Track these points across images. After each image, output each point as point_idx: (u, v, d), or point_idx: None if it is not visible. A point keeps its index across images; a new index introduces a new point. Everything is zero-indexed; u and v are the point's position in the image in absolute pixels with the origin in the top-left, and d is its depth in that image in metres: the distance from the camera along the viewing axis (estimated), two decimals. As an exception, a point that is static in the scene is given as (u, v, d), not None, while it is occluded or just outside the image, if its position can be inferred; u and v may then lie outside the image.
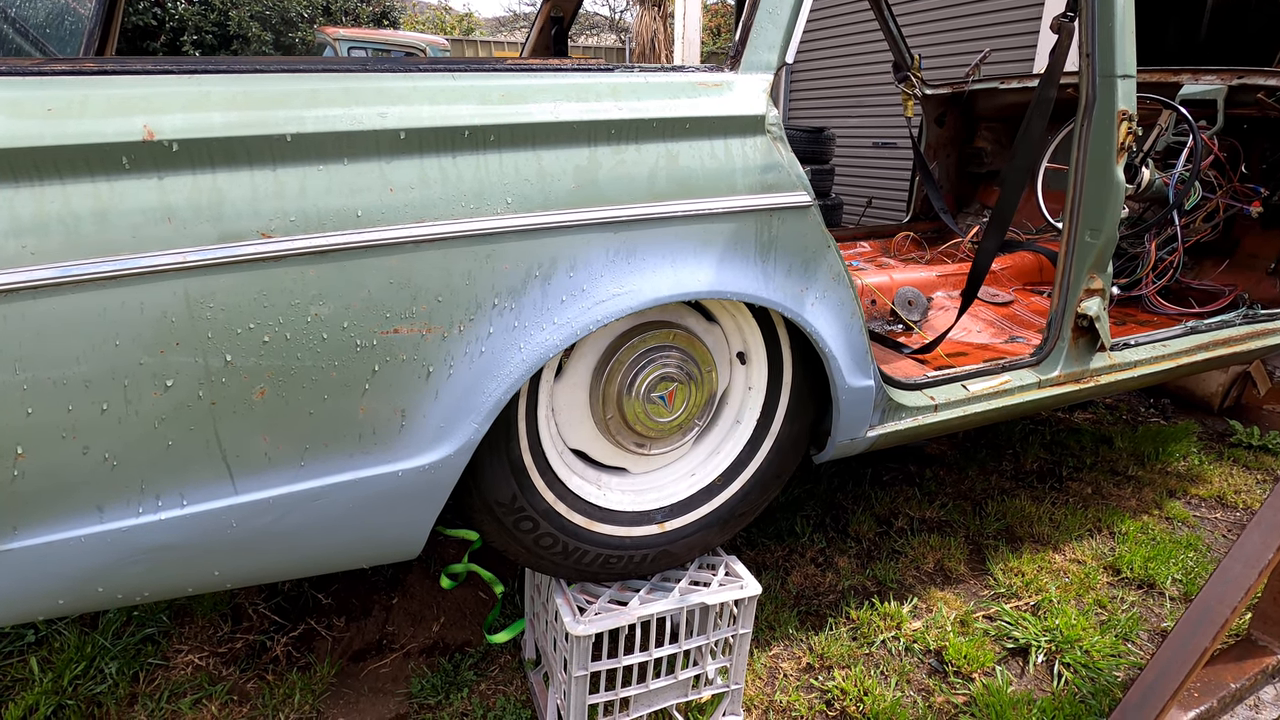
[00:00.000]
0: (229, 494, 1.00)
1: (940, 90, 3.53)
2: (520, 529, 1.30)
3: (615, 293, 1.13)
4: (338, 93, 0.97)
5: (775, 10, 1.24)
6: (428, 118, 1.00)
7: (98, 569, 0.97)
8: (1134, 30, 1.63)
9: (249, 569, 1.09)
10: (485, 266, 1.05)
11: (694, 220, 1.18)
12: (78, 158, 0.85)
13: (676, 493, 1.48)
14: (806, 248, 1.29)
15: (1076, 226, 1.76)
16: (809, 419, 1.53)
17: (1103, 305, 1.82)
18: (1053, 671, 1.73)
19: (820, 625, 1.86)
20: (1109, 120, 1.66)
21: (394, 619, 1.90)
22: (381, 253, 0.99)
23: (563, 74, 1.11)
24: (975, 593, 2.02)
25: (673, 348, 1.35)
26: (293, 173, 0.94)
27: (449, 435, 1.09)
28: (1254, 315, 2.26)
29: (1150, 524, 2.34)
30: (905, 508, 2.41)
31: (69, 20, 2.12)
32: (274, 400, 0.98)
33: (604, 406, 1.34)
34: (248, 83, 0.94)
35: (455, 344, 1.06)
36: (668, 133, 1.15)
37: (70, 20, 2.11)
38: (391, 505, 1.11)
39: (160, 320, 0.90)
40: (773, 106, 1.24)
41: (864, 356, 1.43)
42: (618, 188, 1.11)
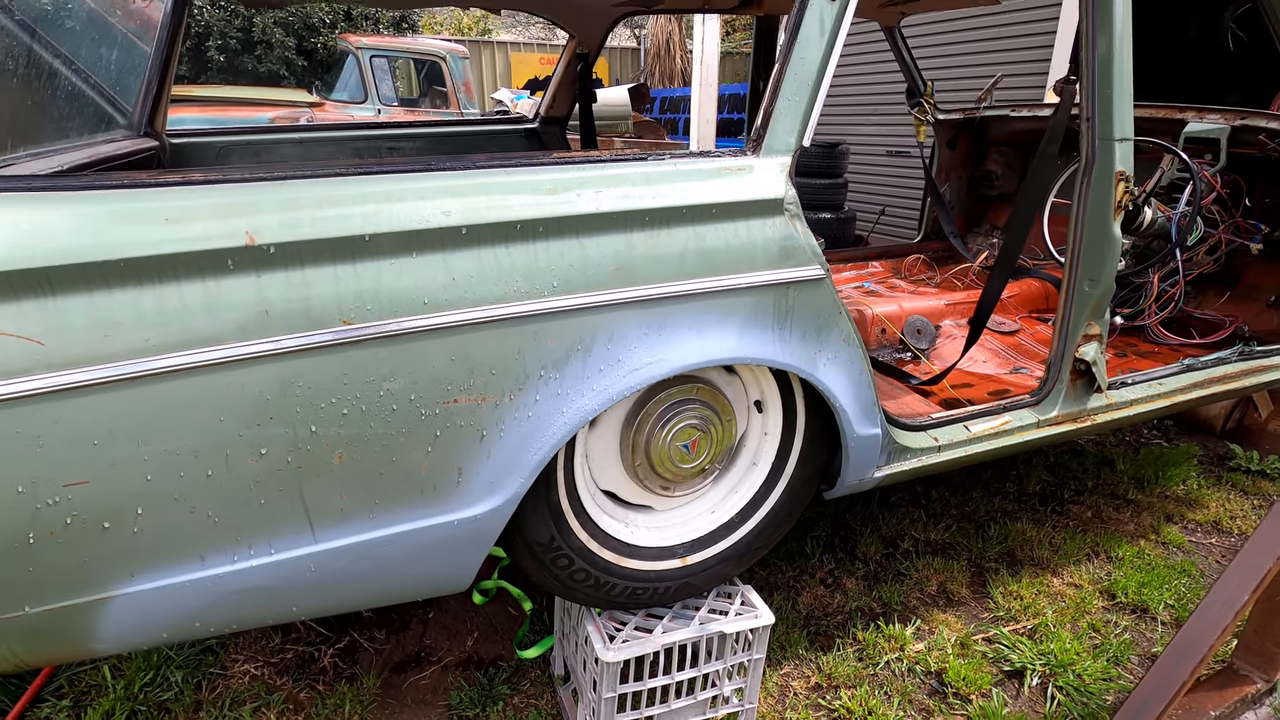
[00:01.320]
0: (309, 543, 1.14)
1: (952, 115, 3.62)
2: (557, 565, 1.44)
3: (647, 361, 1.26)
4: (408, 193, 1.11)
5: (795, 98, 1.36)
6: (485, 214, 1.13)
7: (198, 608, 1.12)
8: (1131, 97, 1.73)
9: (322, 604, 1.24)
10: (534, 343, 1.18)
11: (719, 295, 1.30)
12: (191, 262, 0.99)
13: (697, 529, 1.62)
14: (820, 315, 1.41)
15: (1076, 276, 1.86)
16: (820, 462, 1.66)
17: (1099, 350, 1.93)
18: (1046, 694, 1.85)
19: (829, 646, 1.99)
20: (1107, 181, 1.76)
21: (431, 633, 2.04)
22: (444, 334, 1.12)
23: (602, 165, 1.24)
24: (976, 615, 2.14)
25: (696, 400, 1.48)
26: (370, 266, 1.08)
27: (498, 489, 1.23)
28: (1249, 352, 2.36)
29: (1146, 549, 2.45)
30: (911, 530, 2.53)
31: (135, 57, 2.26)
32: (350, 463, 1.12)
33: (633, 454, 1.47)
34: (330, 186, 1.08)
35: (506, 410, 1.19)
36: (696, 217, 1.27)
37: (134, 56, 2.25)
38: (446, 549, 1.25)
39: (257, 399, 1.04)
40: (791, 187, 1.36)
41: (871, 408, 1.55)
42: (651, 268, 1.24)
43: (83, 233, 0.95)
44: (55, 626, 1.05)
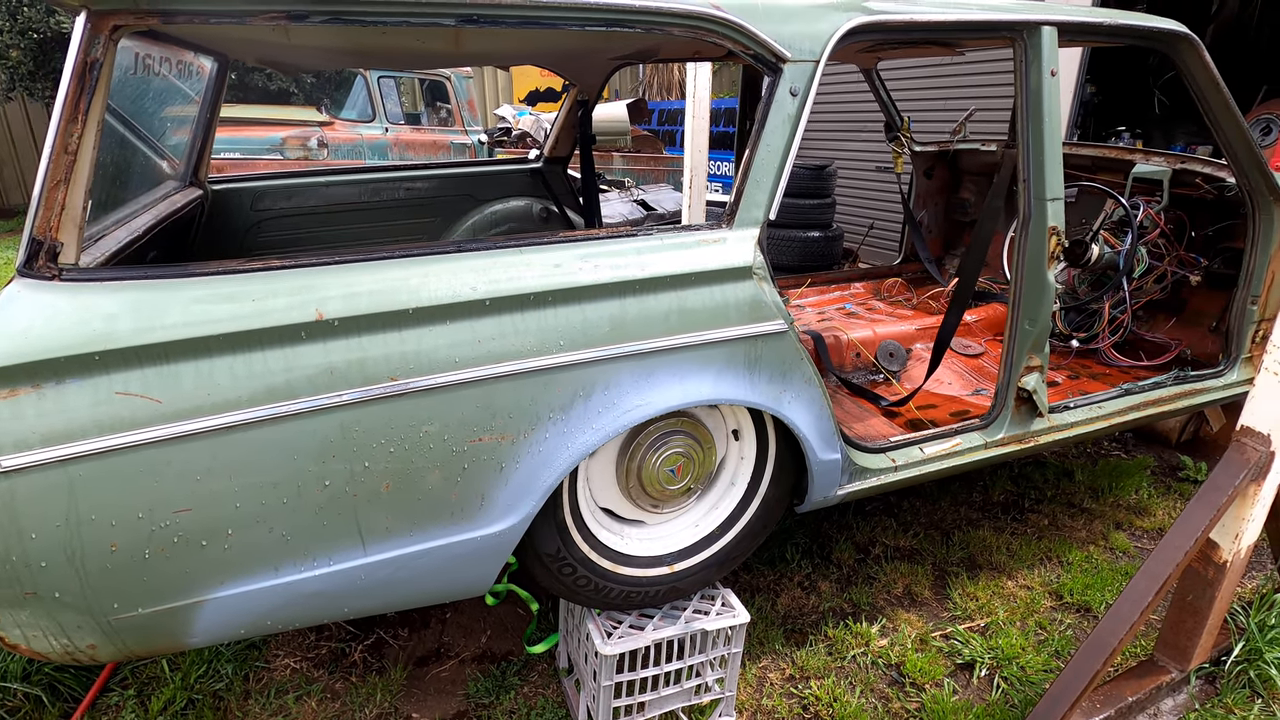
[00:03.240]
0: (361, 556, 1.40)
1: (928, 148, 3.88)
2: (563, 573, 1.69)
3: (638, 404, 1.52)
4: (442, 273, 1.36)
5: (761, 180, 1.62)
6: (504, 288, 1.39)
7: (271, 608, 1.38)
8: (1061, 162, 1.99)
9: (369, 605, 1.49)
10: (544, 391, 1.44)
11: (698, 347, 1.56)
12: (273, 334, 1.25)
13: (683, 540, 1.87)
14: (784, 361, 1.66)
15: (1018, 316, 2.12)
16: (790, 481, 1.91)
17: (1040, 379, 2.18)
18: (993, 684, 2.10)
19: (802, 642, 2.24)
20: (1041, 234, 2.02)
21: (449, 631, 2.30)
22: (471, 386, 1.38)
23: (600, 243, 1.50)
24: (936, 614, 2.40)
25: (681, 431, 1.74)
26: (412, 333, 1.33)
27: (515, 510, 1.48)
28: (1184, 376, 2.61)
29: (1095, 554, 2.70)
30: (883, 537, 2.78)
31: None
32: (395, 491, 1.38)
33: (627, 478, 1.72)
34: (382, 269, 1.33)
35: (521, 446, 1.45)
36: (679, 284, 1.53)
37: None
38: (471, 560, 1.51)
39: (323, 441, 1.30)
40: (759, 254, 1.62)
41: (831, 436, 1.81)
42: (641, 327, 1.50)
43: (189, 313, 1.21)
44: (161, 624, 1.30)
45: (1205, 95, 2.25)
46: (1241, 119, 2.30)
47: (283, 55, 2.04)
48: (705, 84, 4.10)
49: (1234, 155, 2.39)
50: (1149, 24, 2.15)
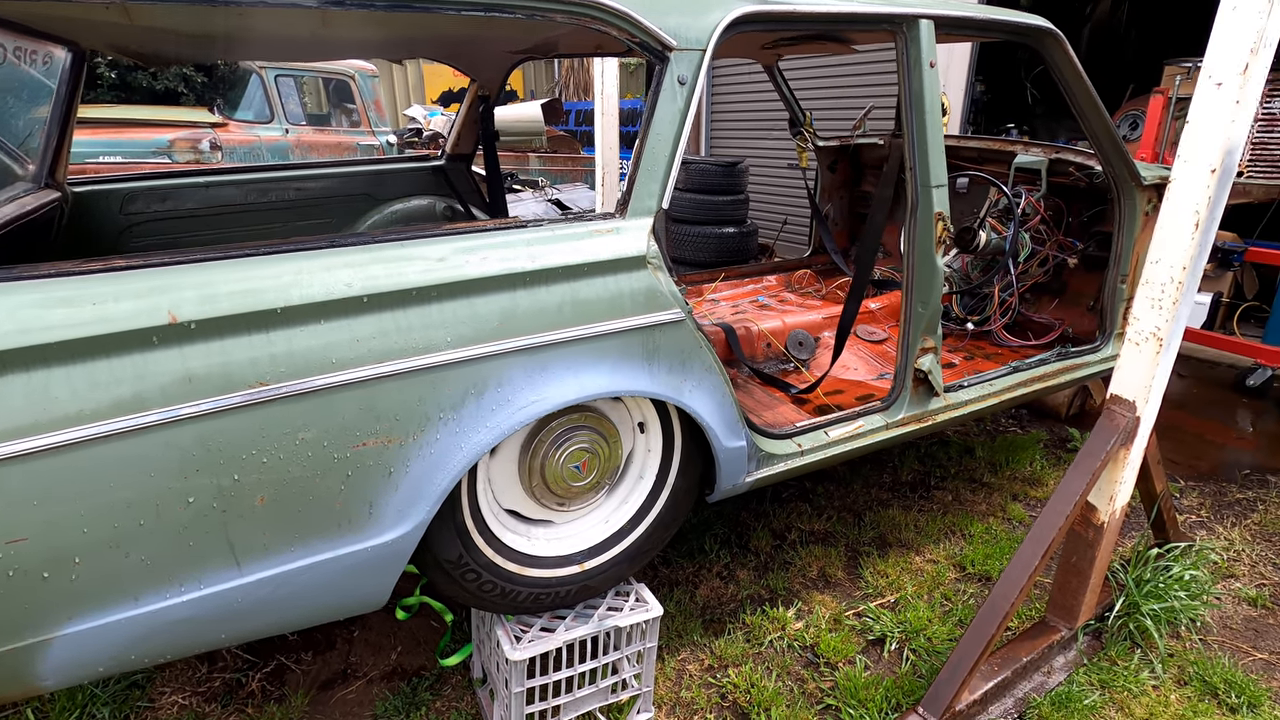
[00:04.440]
0: (236, 576, 1.30)
1: (830, 143, 3.99)
2: (466, 579, 1.63)
3: (533, 400, 1.48)
4: (316, 269, 1.28)
5: (652, 169, 1.61)
6: (384, 284, 1.32)
7: (131, 642, 1.26)
8: (943, 151, 2.07)
9: (249, 630, 1.39)
10: (432, 390, 1.37)
11: (593, 339, 1.53)
12: (118, 341, 1.14)
13: (593, 537, 1.84)
14: (683, 350, 1.66)
15: (911, 300, 2.19)
16: (698, 472, 1.91)
17: (935, 360, 2.27)
18: (902, 657, 2.17)
19: (721, 631, 2.25)
20: (929, 220, 2.10)
21: (356, 650, 2.19)
22: (351, 388, 1.30)
23: (488, 235, 1.45)
24: (849, 594, 2.46)
25: (585, 426, 1.71)
26: (281, 334, 1.25)
27: (407, 517, 1.41)
28: (1066, 353, 2.78)
29: (994, 525, 2.84)
30: (798, 522, 2.84)
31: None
32: (271, 505, 1.28)
33: (530, 477, 1.68)
34: (245, 268, 1.24)
35: (410, 449, 1.38)
36: (571, 275, 1.50)
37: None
38: (362, 572, 1.43)
39: (183, 454, 1.20)
40: (653, 243, 1.61)
41: (735, 423, 1.82)
42: (533, 321, 1.46)
43: (17, 320, 1.09)
44: (2, 667, 1.17)
45: (1071, 88, 2.40)
46: (1104, 111, 2.46)
47: (136, 42, 1.88)
48: (613, 81, 4.09)
49: (1099, 144, 2.56)
50: (1018, 20, 2.27)
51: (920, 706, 1.80)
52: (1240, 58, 1.55)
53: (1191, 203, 1.66)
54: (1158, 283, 1.75)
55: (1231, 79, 1.57)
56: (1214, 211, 1.68)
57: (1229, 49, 1.56)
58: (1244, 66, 1.55)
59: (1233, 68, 1.56)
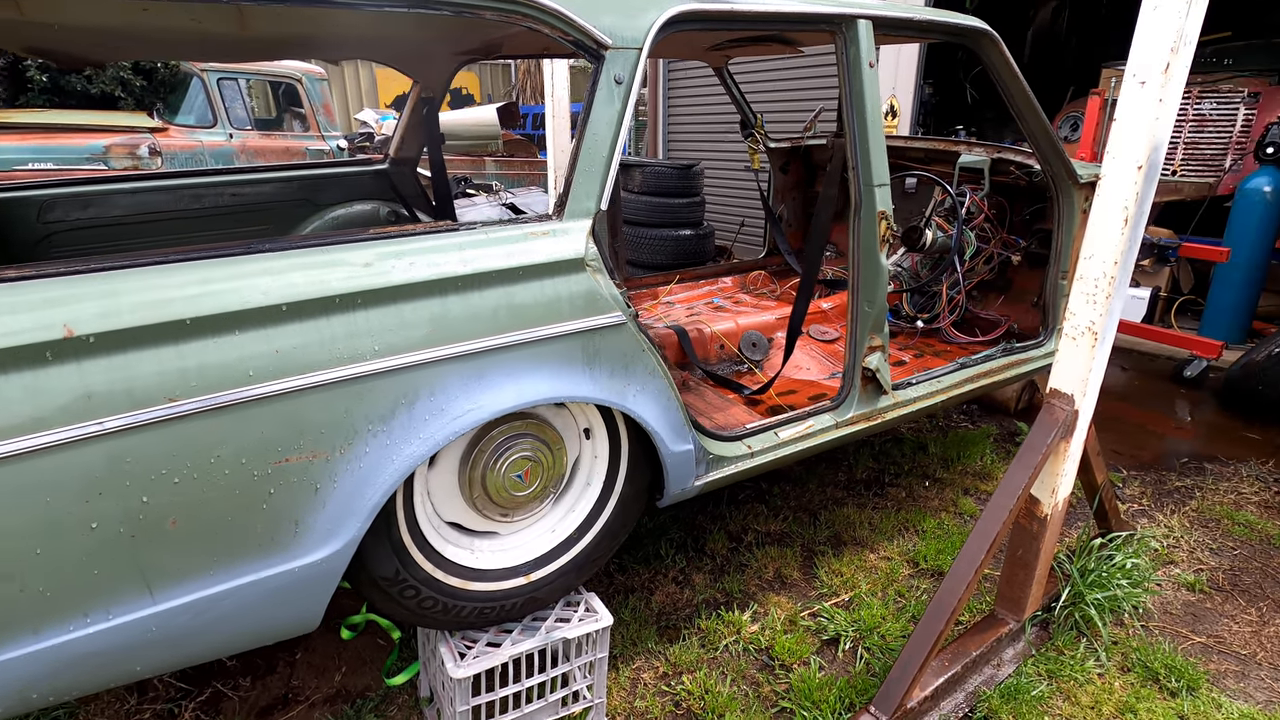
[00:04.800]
0: (148, 605, 1.22)
1: (782, 144, 4.01)
2: (404, 597, 1.57)
3: (469, 409, 1.43)
4: (229, 277, 1.22)
5: (590, 169, 1.58)
6: (304, 291, 1.26)
7: (35, 678, 1.17)
8: (884, 150, 2.08)
9: (169, 660, 1.31)
10: (359, 401, 1.32)
11: (531, 344, 1.49)
12: (7, 358, 1.06)
13: (540, 548, 1.80)
14: (625, 353, 1.63)
15: (857, 299, 2.20)
16: (646, 477, 1.88)
17: (882, 358, 2.28)
18: (857, 656, 2.17)
19: (676, 637, 2.22)
20: (872, 219, 2.11)
21: (298, 673, 2.10)
22: (271, 401, 1.24)
23: (416, 239, 1.40)
24: (804, 594, 2.45)
25: (527, 434, 1.66)
26: (193, 347, 1.18)
27: (336, 534, 1.35)
28: (1011, 348, 2.83)
29: (946, 520, 2.87)
30: (754, 523, 2.83)
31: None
32: (185, 527, 1.21)
33: (471, 488, 1.63)
34: (150, 276, 1.17)
35: (338, 464, 1.32)
36: (506, 279, 1.45)
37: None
38: (290, 594, 1.36)
39: (84, 477, 1.12)
40: (592, 245, 1.58)
41: (682, 427, 1.79)
42: (467, 326, 1.41)
43: (-111, 337, 1.00)
44: (-120, 716, 1.08)
45: (1008, 88, 2.44)
46: (1040, 111, 2.52)
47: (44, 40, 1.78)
48: (564, 83, 4.05)
49: (1037, 144, 2.62)
50: (956, 21, 2.30)
51: (872, 705, 1.80)
52: (1162, 57, 1.58)
53: (1121, 199, 1.69)
54: (1091, 278, 1.78)
55: (1154, 78, 1.60)
56: (1142, 207, 1.72)
57: (1151, 49, 1.60)
58: (1165, 65, 1.58)
59: (1155, 67, 1.60)
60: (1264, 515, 2.90)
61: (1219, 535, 2.77)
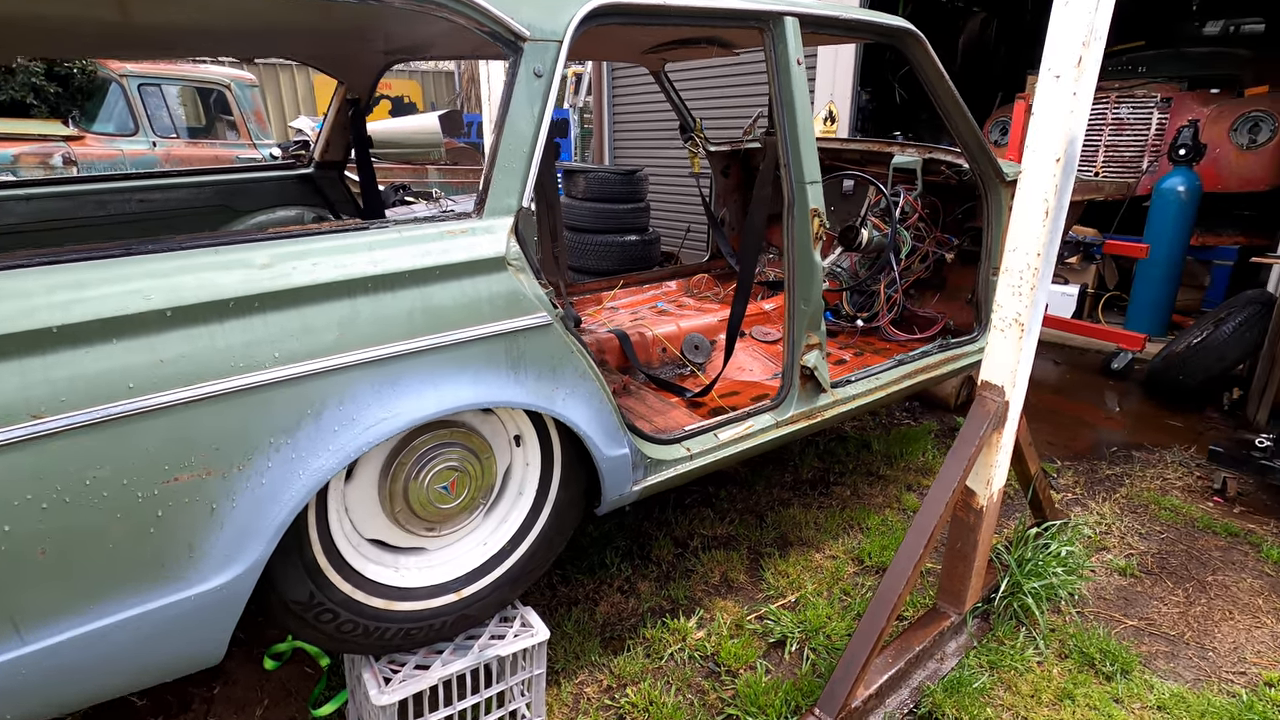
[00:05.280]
0: (16, 646, 1.10)
1: (722, 148, 4.02)
2: (321, 622, 1.47)
3: (384, 417, 1.35)
4: (102, 280, 1.11)
5: (510, 164, 1.52)
6: (193, 295, 1.16)
7: (-119, 736, 1.04)
8: (815, 148, 2.08)
9: (49, 705, 1.18)
10: (259, 413, 1.22)
11: (450, 348, 1.42)
12: None
13: (471, 562, 1.72)
14: (552, 356, 1.57)
15: (794, 298, 2.19)
16: (582, 484, 1.82)
17: (820, 357, 2.28)
18: (803, 657, 2.15)
19: (621, 648, 2.16)
20: (805, 216, 2.10)
21: (216, 709, 1.96)
22: (156, 415, 1.14)
23: (320, 238, 1.31)
24: (751, 597, 2.42)
25: (452, 443, 1.58)
26: (61, 358, 1.07)
27: (238, 558, 1.25)
28: (947, 344, 2.87)
29: (890, 516, 2.89)
30: (700, 528, 2.79)
31: None
32: (56, 557, 1.10)
33: (393, 502, 1.54)
34: (12, 280, 1.06)
35: (236, 481, 1.22)
36: (421, 280, 1.38)
37: None
38: (188, 625, 1.25)
39: (-66, 505, 1.00)
40: (514, 244, 1.51)
41: (616, 430, 1.74)
42: (378, 330, 1.33)
43: None
44: None
45: (934, 87, 2.48)
46: (967, 110, 2.56)
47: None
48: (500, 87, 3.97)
49: (964, 143, 2.67)
50: (882, 21, 2.33)
51: (817, 707, 1.77)
52: (1074, 51, 1.62)
53: (1041, 192, 1.72)
54: (1016, 270, 1.81)
55: (1068, 71, 1.63)
56: (1061, 200, 1.75)
57: (1064, 44, 1.63)
58: (1078, 59, 1.62)
59: (1068, 60, 1.63)
60: (1188, 499, 3.01)
61: (1147, 520, 2.86)
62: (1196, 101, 5.06)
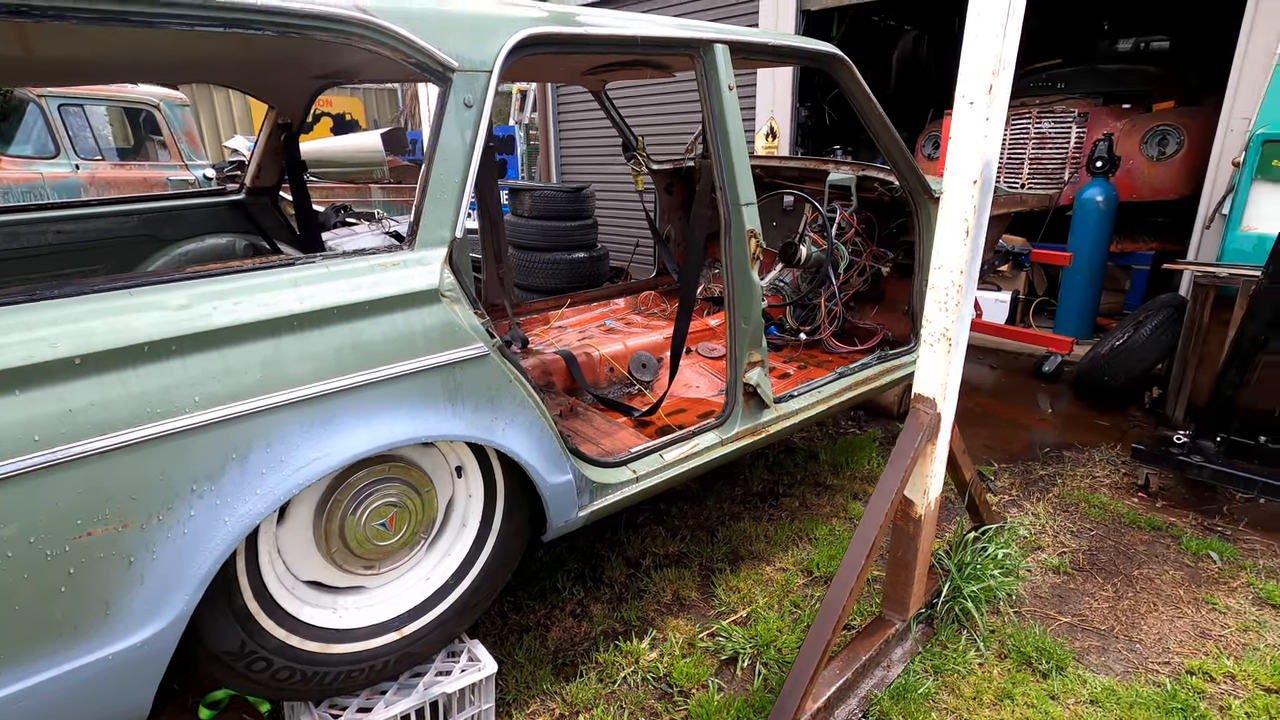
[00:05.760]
0: (-85, 720, 1.03)
1: (665, 165, 4.07)
2: (254, 671, 1.42)
3: (314, 458, 1.32)
4: (6, 329, 1.06)
5: (442, 197, 1.51)
6: (103, 341, 1.12)
7: None
8: (749, 170, 2.13)
9: (-51, 782, 1.11)
10: (178, 460, 1.18)
11: (383, 383, 1.40)
12: None
13: (413, 598, 1.68)
14: (490, 386, 1.56)
15: (734, 317, 2.23)
16: (526, 512, 1.81)
17: (762, 373, 2.32)
18: (755, 673, 2.17)
19: (574, 674, 2.14)
20: (742, 237, 2.14)
21: (148, 765, 1.86)
22: (64, 468, 1.09)
23: (242, 276, 1.28)
24: (703, 615, 2.43)
25: (390, 479, 1.55)
26: (-43, 412, 1.02)
27: (160, 611, 1.20)
28: (885, 355, 2.96)
29: (837, 526, 2.95)
30: (653, 546, 2.79)
31: None
32: (-42, 623, 1.04)
33: (328, 541, 1.50)
34: (-103, 333, 1.00)
35: (156, 532, 1.18)
36: (350, 315, 1.36)
37: None
38: (107, 684, 1.19)
39: None
40: (448, 275, 1.50)
41: (558, 457, 1.73)
42: (306, 369, 1.30)
43: None
44: None
45: (862, 109, 2.57)
46: (894, 130, 2.66)
47: None
48: (440, 107, 3.93)
49: (893, 161, 2.77)
50: (809, 46, 2.40)
51: (767, 724, 1.79)
52: (985, 79, 1.70)
53: (960, 212, 1.79)
54: (942, 287, 1.88)
55: (980, 98, 1.71)
56: (980, 219, 1.83)
57: (976, 72, 1.71)
58: (989, 87, 1.70)
59: (980, 88, 1.71)
60: (1115, 496, 3.16)
61: (1078, 518, 2.98)
62: (1110, 116, 5.35)
